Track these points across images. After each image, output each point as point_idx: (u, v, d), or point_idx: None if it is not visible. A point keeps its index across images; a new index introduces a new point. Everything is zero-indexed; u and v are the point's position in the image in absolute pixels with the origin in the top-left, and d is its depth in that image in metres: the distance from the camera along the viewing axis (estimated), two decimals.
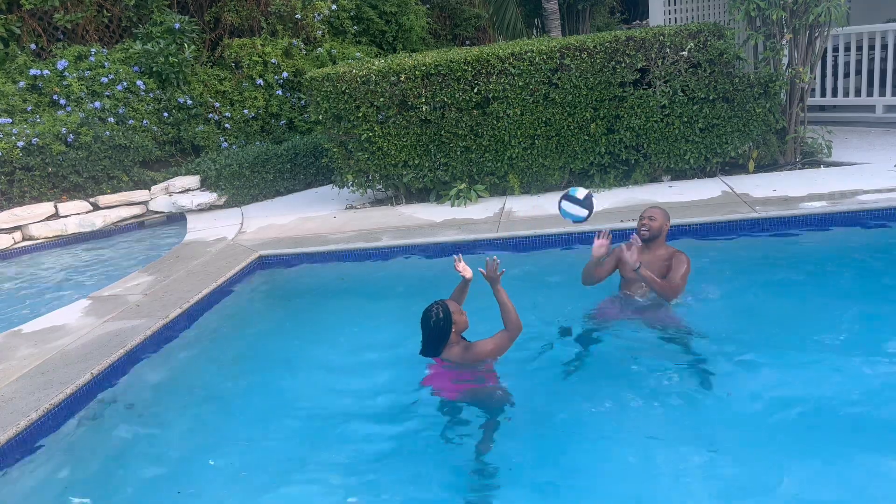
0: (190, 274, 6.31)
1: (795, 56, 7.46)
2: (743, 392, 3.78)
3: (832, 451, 3.25)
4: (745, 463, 3.23)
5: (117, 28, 10.62)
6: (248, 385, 4.51)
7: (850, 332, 4.31)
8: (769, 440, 3.37)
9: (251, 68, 10.86)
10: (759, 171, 7.73)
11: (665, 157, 7.67)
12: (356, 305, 5.71)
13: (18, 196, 8.63)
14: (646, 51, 7.34)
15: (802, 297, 4.92)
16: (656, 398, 3.79)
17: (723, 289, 5.02)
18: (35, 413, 3.92)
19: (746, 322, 4.61)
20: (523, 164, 7.88)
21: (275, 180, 9.61)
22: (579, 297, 4.82)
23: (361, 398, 4.16)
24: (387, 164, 8.09)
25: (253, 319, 5.81)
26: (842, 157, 7.74)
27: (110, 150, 9.11)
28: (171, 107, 10.17)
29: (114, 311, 5.52)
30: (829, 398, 3.66)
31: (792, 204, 6.28)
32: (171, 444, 3.90)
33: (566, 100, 7.55)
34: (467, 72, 7.61)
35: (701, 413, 3.64)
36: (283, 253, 6.81)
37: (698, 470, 3.21)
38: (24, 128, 8.62)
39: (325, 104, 8.05)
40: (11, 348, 4.97)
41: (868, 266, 5.40)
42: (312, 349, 4.94)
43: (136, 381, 4.64)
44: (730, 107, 7.45)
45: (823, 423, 3.48)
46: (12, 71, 9.39)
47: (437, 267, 6.08)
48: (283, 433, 3.91)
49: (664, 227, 4.58)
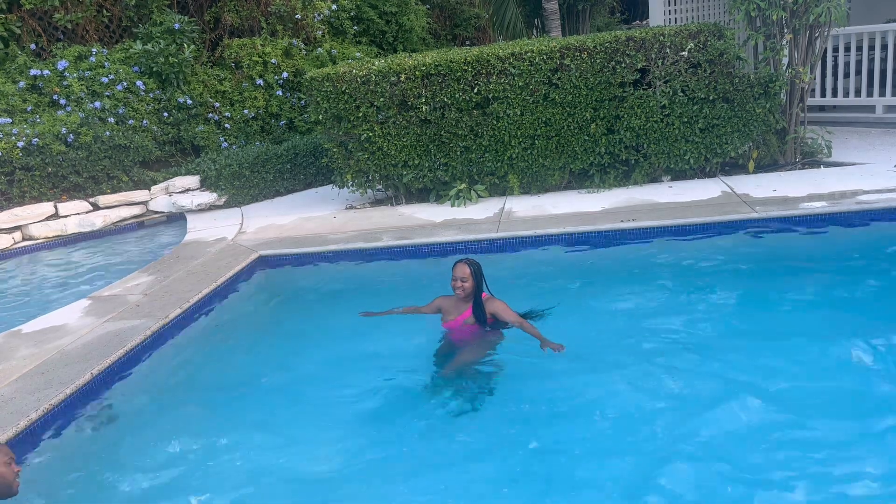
0: (190, 274, 6.30)
1: (795, 56, 7.46)
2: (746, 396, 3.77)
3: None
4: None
5: (117, 28, 10.62)
6: (249, 385, 4.51)
7: (850, 332, 4.31)
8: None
9: (251, 68, 10.85)
10: (759, 171, 7.73)
11: (665, 157, 7.66)
12: (356, 305, 5.70)
13: (18, 196, 8.63)
14: (646, 51, 7.34)
15: (802, 297, 4.92)
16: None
17: (723, 289, 5.03)
18: (35, 413, 3.92)
19: (747, 322, 4.62)
20: (523, 164, 7.88)
21: (275, 180, 9.61)
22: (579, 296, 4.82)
23: (362, 397, 4.17)
24: (387, 164, 8.09)
25: (253, 319, 5.81)
26: (842, 158, 7.74)
27: (110, 150, 9.11)
28: (171, 107, 10.17)
29: (114, 311, 5.52)
30: (830, 397, 3.66)
31: (792, 204, 6.28)
32: (172, 443, 3.89)
33: (566, 100, 7.55)
34: (467, 72, 7.61)
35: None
36: (283, 253, 6.80)
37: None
38: (24, 128, 8.61)
39: (325, 104, 8.04)
40: (11, 348, 4.97)
41: (868, 266, 5.39)
42: (312, 349, 4.94)
43: (136, 381, 4.63)
44: (730, 107, 7.45)
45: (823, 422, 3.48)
46: (12, 71, 9.39)
47: (436, 267, 6.07)
48: (284, 433, 3.91)
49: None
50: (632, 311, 4.93)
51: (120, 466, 3.72)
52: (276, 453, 3.72)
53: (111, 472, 3.68)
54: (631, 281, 5.50)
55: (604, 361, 4.29)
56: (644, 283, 5.42)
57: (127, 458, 3.79)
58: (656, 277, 5.50)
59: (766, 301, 4.90)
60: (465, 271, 4.42)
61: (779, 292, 5.01)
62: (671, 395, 3.85)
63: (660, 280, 5.44)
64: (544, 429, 3.70)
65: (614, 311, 5.01)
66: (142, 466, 3.70)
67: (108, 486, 3.57)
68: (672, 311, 4.86)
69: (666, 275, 5.53)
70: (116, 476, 3.64)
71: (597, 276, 5.80)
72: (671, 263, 5.74)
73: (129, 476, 3.63)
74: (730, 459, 3.28)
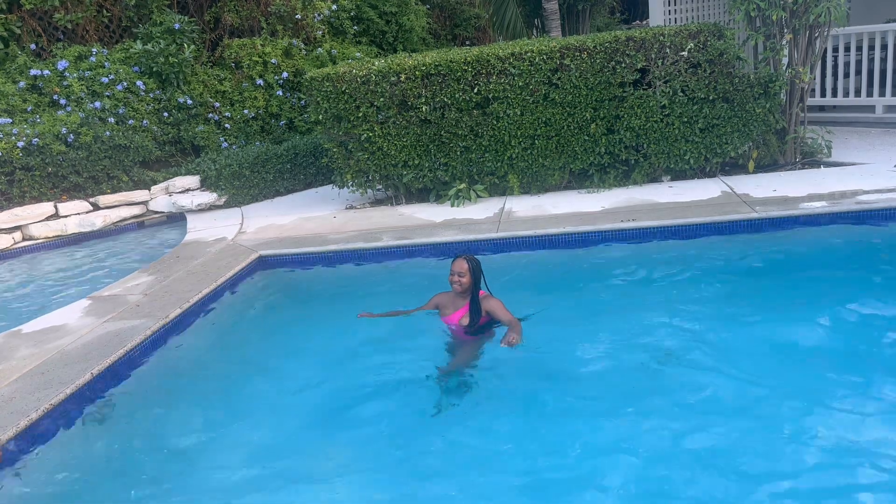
0: (190, 274, 6.31)
1: (795, 56, 7.46)
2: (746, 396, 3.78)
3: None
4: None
5: (117, 28, 10.62)
6: (249, 385, 4.51)
7: (850, 332, 4.32)
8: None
9: (251, 68, 10.86)
10: (759, 171, 7.73)
11: (665, 157, 7.67)
12: (356, 305, 5.70)
13: (18, 196, 8.63)
14: (646, 51, 7.34)
15: (802, 297, 4.92)
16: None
17: (722, 289, 5.03)
18: (35, 413, 3.92)
19: (746, 322, 4.62)
20: (523, 164, 7.88)
21: (275, 180, 9.61)
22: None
23: (362, 397, 4.17)
24: (387, 164, 8.09)
25: (253, 319, 5.81)
26: (842, 158, 7.75)
27: (110, 150, 9.11)
28: (171, 107, 10.17)
29: (114, 311, 5.52)
30: (828, 398, 3.66)
31: (792, 204, 6.28)
32: (172, 443, 3.90)
33: (566, 100, 7.55)
34: (467, 72, 7.61)
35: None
36: (283, 253, 6.80)
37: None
38: (24, 128, 8.62)
39: (325, 104, 8.04)
40: (11, 348, 4.97)
41: (868, 266, 5.40)
42: (312, 349, 4.94)
43: (136, 381, 4.63)
44: (730, 107, 7.45)
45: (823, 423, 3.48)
46: (12, 71, 9.39)
47: (436, 267, 6.07)
48: (284, 432, 3.92)
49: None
50: (632, 311, 4.92)
51: (120, 466, 3.73)
52: (277, 453, 3.72)
53: (111, 473, 3.69)
54: (631, 281, 5.50)
55: (604, 361, 4.29)
56: (644, 283, 5.42)
57: (127, 459, 3.79)
58: (656, 277, 5.50)
59: (765, 301, 4.90)
60: (463, 266, 4.42)
61: (778, 292, 5.01)
62: (671, 395, 3.85)
63: (660, 280, 5.45)
64: (543, 429, 3.70)
65: (614, 310, 5.01)
66: (142, 466, 3.70)
67: (109, 487, 3.57)
68: (672, 310, 4.86)
69: (666, 275, 5.53)
70: (117, 476, 3.65)
71: (597, 276, 5.80)
72: (671, 263, 5.74)
73: (129, 476, 3.63)
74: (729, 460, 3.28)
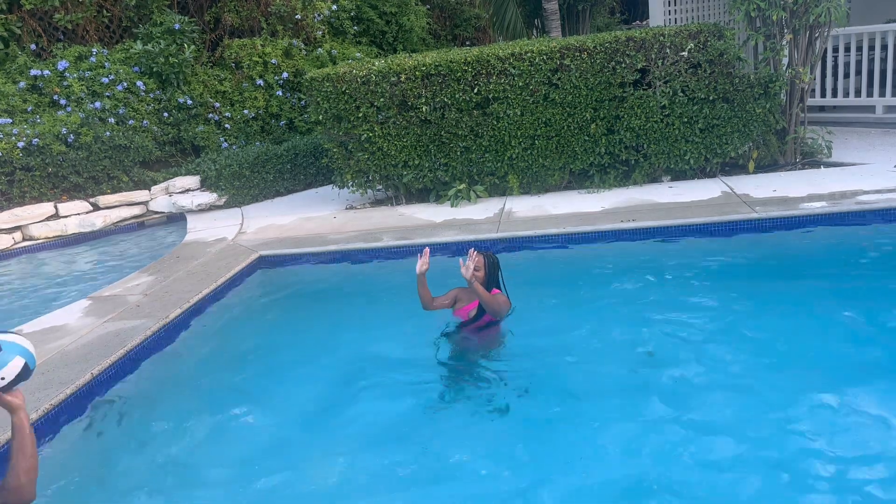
0: (190, 274, 6.31)
1: (795, 56, 7.46)
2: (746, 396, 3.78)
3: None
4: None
5: (117, 28, 10.62)
6: (249, 385, 4.51)
7: (850, 332, 4.31)
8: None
9: (251, 68, 10.86)
10: (759, 171, 7.73)
11: (665, 157, 7.66)
12: (356, 305, 5.72)
13: (18, 196, 8.63)
14: (646, 51, 7.34)
15: (802, 297, 4.91)
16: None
17: (722, 289, 5.02)
18: (34, 413, 3.91)
19: (746, 322, 4.61)
20: (523, 164, 7.88)
21: (275, 180, 9.61)
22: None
23: (362, 396, 4.17)
24: (387, 165, 8.09)
25: (253, 319, 5.81)
26: (842, 158, 7.74)
27: (110, 151, 9.12)
28: (171, 107, 10.17)
29: (114, 312, 5.52)
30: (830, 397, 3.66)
31: (792, 204, 6.28)
32: (172, 443, 3.89)
33: (566, 100, 7.55)
34: (467, 72, 7.61)
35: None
36: (284, 253, 6.81)
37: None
38: (24, 128, 8.62)
39: (325, 104, 8.05)
40: None
41: (868, 266, 5.40)
42: (312, 349, 4.94)
43: (136, 381, 4.64)
44: (730, 107, 7.45)
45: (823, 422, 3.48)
46: (12, 71, 9.40)
47: (436, 267, 6.06)
48: (285, 432, 3.91)
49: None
50: (631, 311, 4.92)
51: (120, 467, 3.73)
52: (278, 453, 3.72)
53: (111, 473, 3.69)
54: (631, 281, 5.49)
55: (603, 361, 4.29)
56: (644, 283, 5.42)
57: (127, 459, 3.80)
58: (656, 278, 5.50)
59: (765, 301, 4.90)
60: (480, 261, 4.44)
61: (778, 292, 5.01)
62: (671, 395, 3.84)
63: (660, 280, 5.45)
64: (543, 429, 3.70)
65: (614, 310, 5.01)
66: (142, 466, 3.70)
67: (109, 487, 3.57)
68: (671, 310, 4.86)
69: (666, 275, 5.53)
70: (117, 476, 3.65)
71: (597, 276, 5.80)
72: (671, 263, 5.74)
73: (129, 476, 3.63)
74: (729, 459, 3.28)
